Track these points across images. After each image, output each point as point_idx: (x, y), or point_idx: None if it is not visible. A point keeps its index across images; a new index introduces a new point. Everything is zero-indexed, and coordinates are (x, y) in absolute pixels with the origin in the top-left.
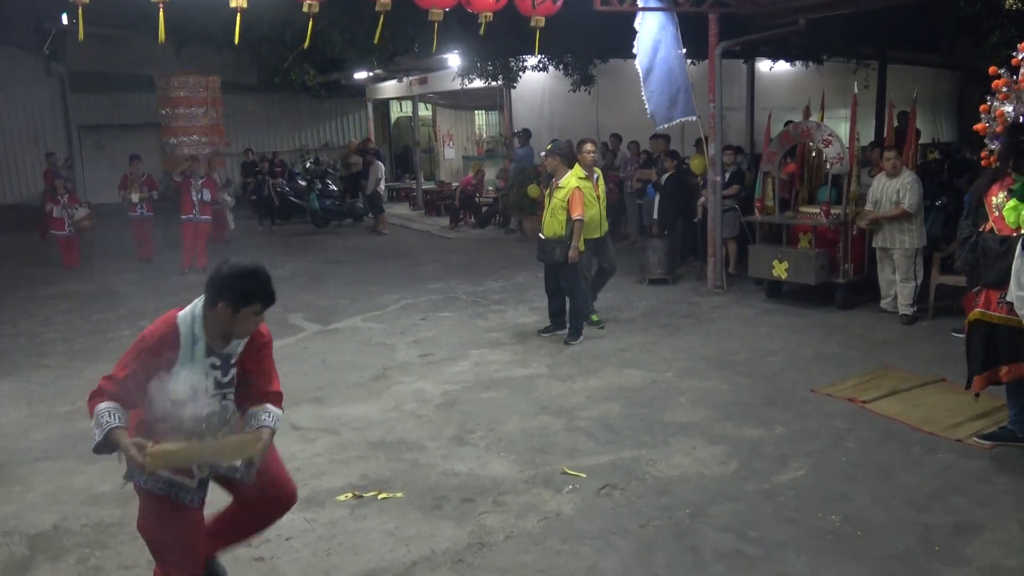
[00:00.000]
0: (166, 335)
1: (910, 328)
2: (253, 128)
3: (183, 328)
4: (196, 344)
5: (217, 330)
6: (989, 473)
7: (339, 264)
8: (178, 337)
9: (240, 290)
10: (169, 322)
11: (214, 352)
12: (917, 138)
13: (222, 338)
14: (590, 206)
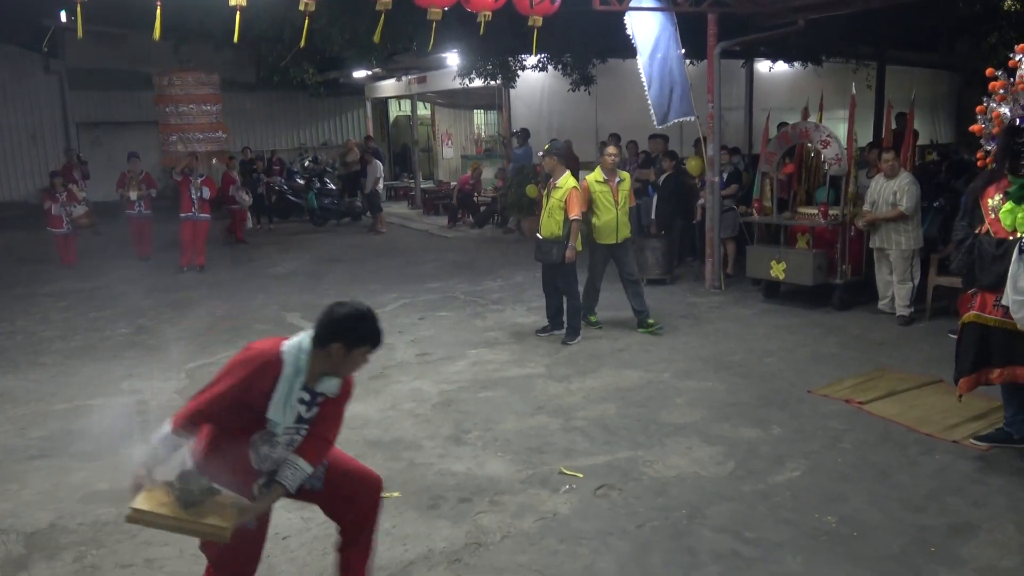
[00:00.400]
0: (270, 363)
1: (907, 329)
2: (251, 126)
3: (288, 359)
4: (298, 377)
5: (320, 368)
6: (985, 474)
7: (337, 263)
8: (281, 367)
9: (357, 333)
10: (274, 351)
11: (306, 387)
12: (915, 139)
13: (319, 375)
14: (605, 211)
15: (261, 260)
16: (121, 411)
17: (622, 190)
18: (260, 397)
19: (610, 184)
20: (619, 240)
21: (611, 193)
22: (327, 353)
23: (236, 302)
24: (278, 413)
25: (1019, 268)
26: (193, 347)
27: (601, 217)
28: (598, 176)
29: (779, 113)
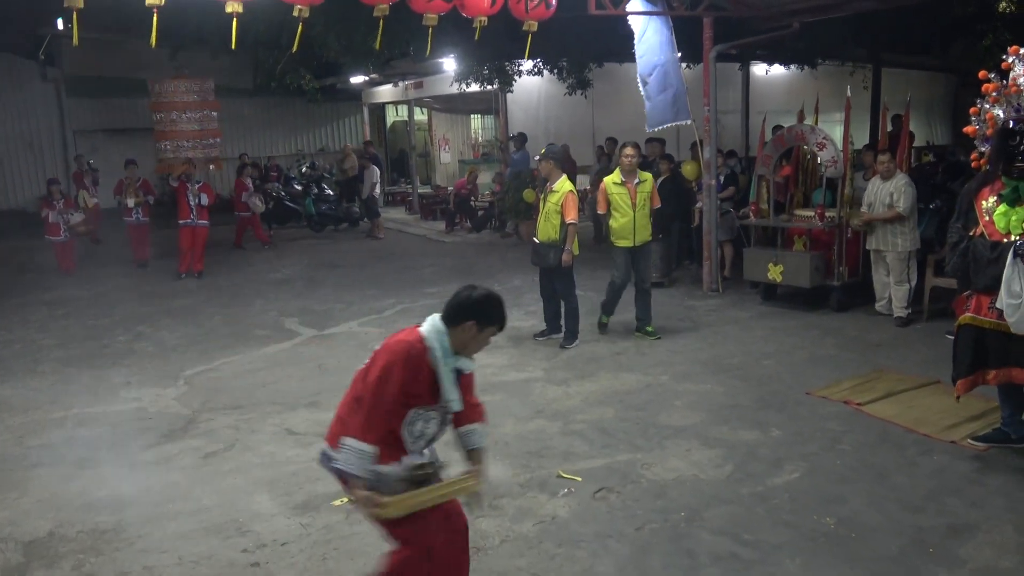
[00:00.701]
0: (420, 352)
1: (904, 330)
2: (249, 132)
3: (432, 343)
4: (447, 357)
5: (454, 346)
6: (983, 474)
7: (335, 269)
8: (429, 352)
9: (489, 312)
10: (417, 340)
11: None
12: (911, 141)
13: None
14: (622, 213)
15: (259, 266)
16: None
17: (641, 192)
18: (419, 384)
19: (628, 186)
20: (636, 244)
21: (629, 195)
22: (461, 331)
23: (234, 308)
24: (451, 392)
25: (1013, 272)
26: (192, 354)
27: (618, 219)
28: (616, 178)
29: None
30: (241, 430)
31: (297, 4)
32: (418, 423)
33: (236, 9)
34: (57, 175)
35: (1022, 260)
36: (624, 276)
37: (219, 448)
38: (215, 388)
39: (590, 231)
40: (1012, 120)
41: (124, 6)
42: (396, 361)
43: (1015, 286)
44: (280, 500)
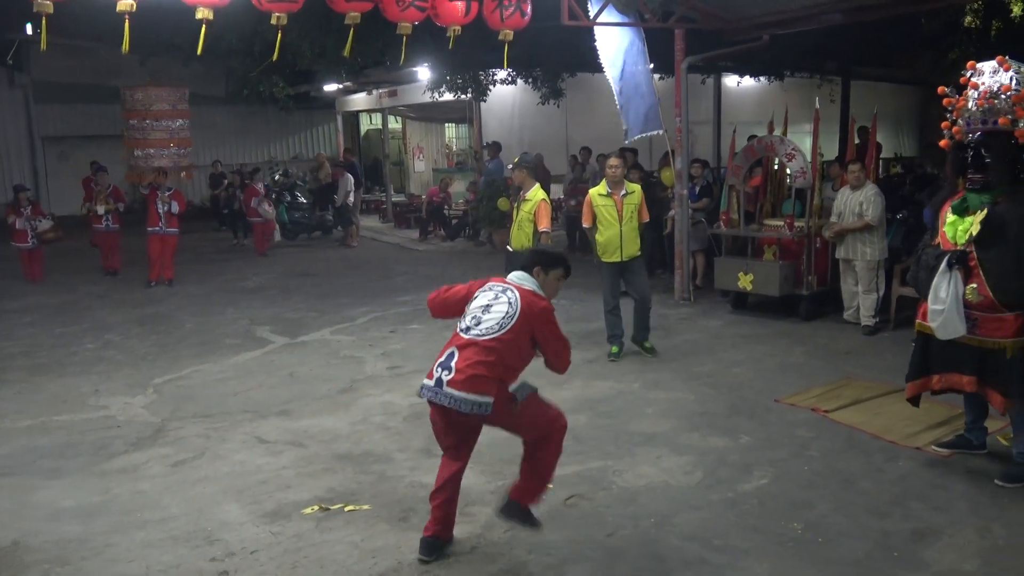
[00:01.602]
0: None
1: (872, 339)
2: (221, 140)
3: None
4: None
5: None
6: (947, 480)
7: (308, 277)
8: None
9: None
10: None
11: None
12: (878, 152)
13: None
14: (607, 226)
15: (231, 274)
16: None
17: (628, 204)
18: None
19: (615, 197)
20: (624, 258)
21: (615, 207)
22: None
23: (205, 316)
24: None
25: (942, 279)
26: (161, 362)
27: (604, 233)
28: (601, 189)
29: (746, 127)
30: (211, 438)
31: (274, 11)
32: None
33: (207, 16)
34: (24, 181)
35: (958, 270)
36: (611, 295)
37: (188, 457)
38: (185, 396)
39: (563, 240)
40: (968, 133)
41: (95, 12)
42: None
43: (941, 293)
44: (249, 508)
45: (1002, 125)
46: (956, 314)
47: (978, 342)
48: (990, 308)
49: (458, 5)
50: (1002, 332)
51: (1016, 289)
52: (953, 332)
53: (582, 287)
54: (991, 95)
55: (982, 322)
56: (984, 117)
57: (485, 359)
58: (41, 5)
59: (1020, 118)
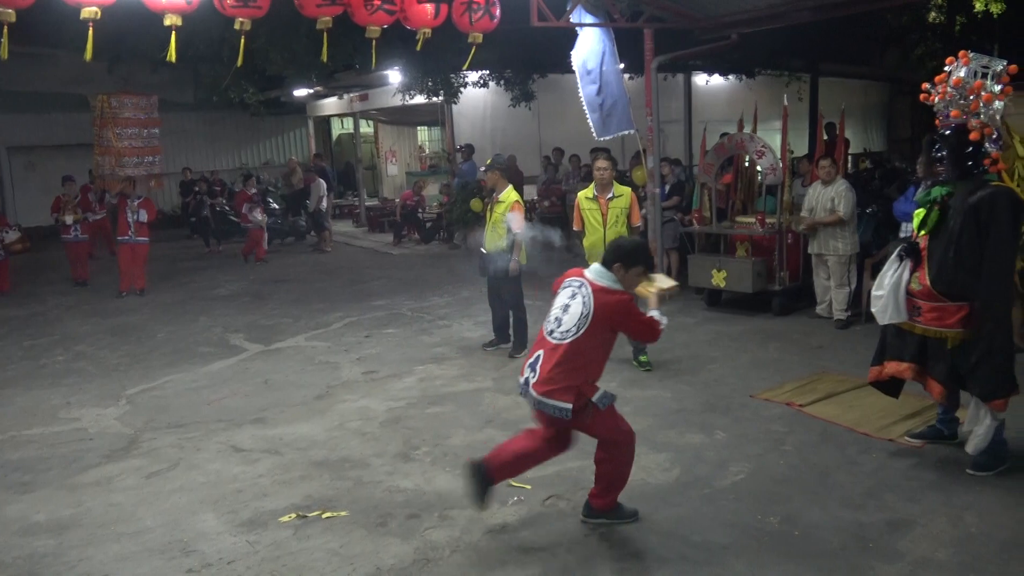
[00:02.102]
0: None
1: (845, 332)
2: (191, 147)
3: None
4: None
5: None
6: (919, 470)
7: (281, 283)
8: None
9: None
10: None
11: None
12: (846, 148)
13: None
14: (592, 230)
15: (203, 282)
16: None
17: (614, 207)
18: None
19: (600, 200)
20: None
21: (599, 211)
22: (634, 273)
23: (178, 325)
24: None
25: (890, 267)
26: (134, 372)
27: (588, 237)
28: (588, 192)
29: (717, 125)
30: (185, 448)
31: (239, 17)
32: None
33: (175, 22)
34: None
35: (908, 260)
36: None
37: (162, 467)
38: (158, 407)
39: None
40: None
41: (60, 19)
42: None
43: (886, 279)
44: (226, 518)
45: (953, 118)
46: (893, 301)
47: (921, 330)
48: (930, 297)
49: (427, 8)
50: (943, 322)
51: (951, 279)
52: (890, 318)
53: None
54: (949, 89)
55: (924, 311)
56: (946, 111)
57: (566, 366)
58: (3, 13)
59: (973, 112)
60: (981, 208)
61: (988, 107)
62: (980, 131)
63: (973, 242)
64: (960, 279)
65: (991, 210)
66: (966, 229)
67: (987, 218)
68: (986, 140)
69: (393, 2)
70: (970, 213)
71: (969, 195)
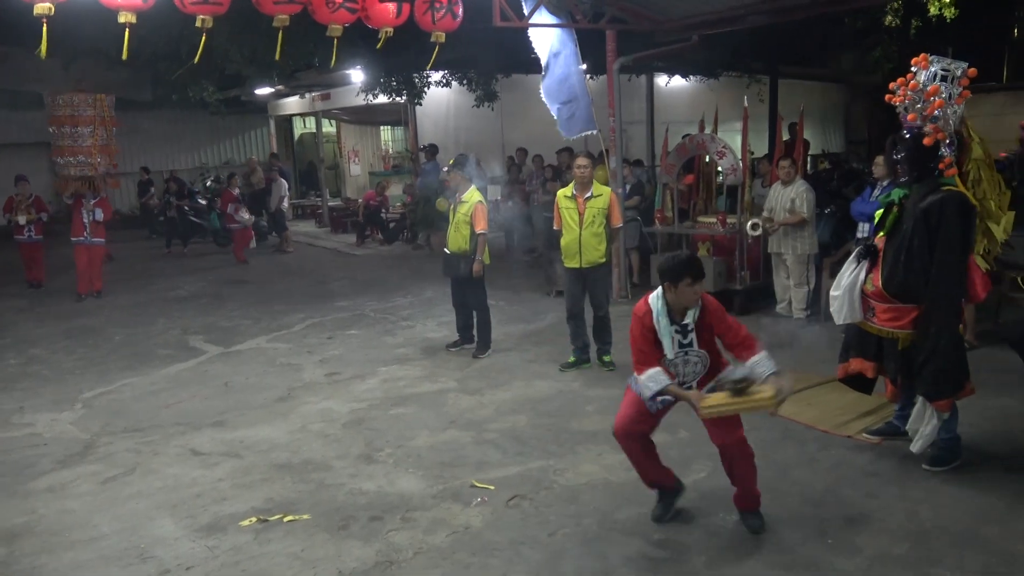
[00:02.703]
0: (647, 312)
1: (804, 331)
2: (149, 146)
3: (654, 305)
4: (662, 316)
5: (675, 305)
6: (877, 466)
7: (242, 284)
8: (652, 312)
9: (674, 271)
10: (645, 304)
11: (675, 321)
12: (806, 149)
13: (679, 312)
14: (568, 230)
15: (162, 283)
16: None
17: (591, 207)
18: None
19: (578, 199)
20: (584, 265)
21: (576, 210)
22: (666, 290)
23: (136, 327)
24: (665, 342)
25: (847, 268)
26: (90, 376)
27: (565, 237)
28: (567, 191)
29: (678, 126)
30: (143, 453)
31: (199, 14)
32: (678, 364)
33: (129, 20)
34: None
35: (866, 260)
36: (570, 301)
37: (119, 472)
38: (115, 411)
39: (501, 241)
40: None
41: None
42: (637, 319)
43: (844, 280)
44: (184, 523)
45: (910, 121)
46: (848, 301)
47: (876, 330)
48: (882, 298)
49: (389, 7)
50: (896, 323)
51: (901, 281)
52: (845, 318)
53: (519, 287)
54: (909, 93)
55: (878, 312)
56: (905, 113)
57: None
58: None
59: (929, 116)
60: (931, 212)
61: (943, 111)
62: (934, 136)
63: (923, 245)
64: (910, 281)
65: (940, 214)
66: (917, 232)
67: (936, 222)
68: (941, 145)
69: (355, 0)
70: (921, 217)
71: (921, 199)
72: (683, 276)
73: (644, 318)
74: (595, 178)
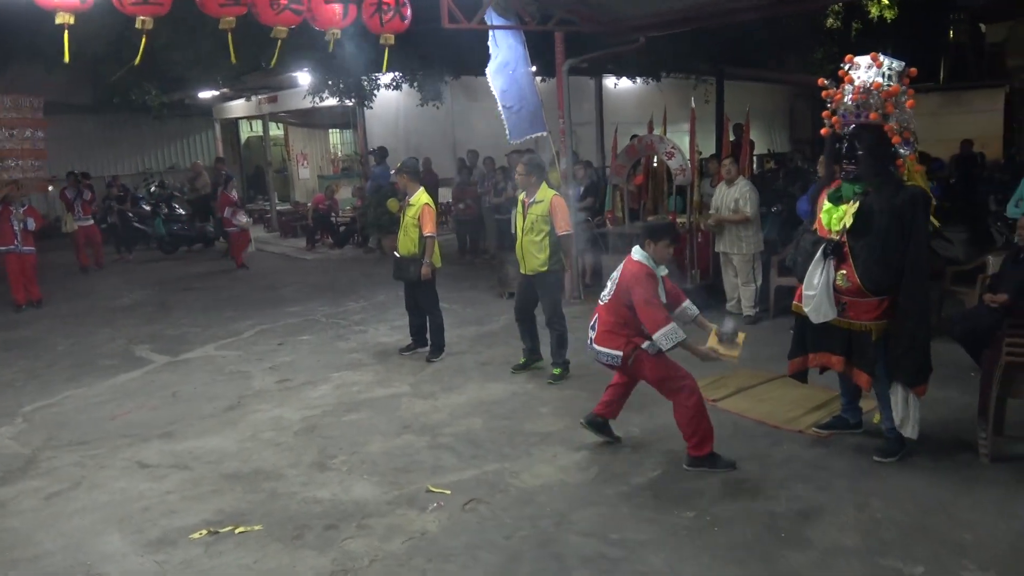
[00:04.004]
0: (647, 269)
1: (753, 328)
2: (90, 150)
3: (647, 262)
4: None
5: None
6: (827, 460)
7: (189, 291)
8: (648, 266)
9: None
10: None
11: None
12: (751, 149)
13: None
14: (516, 236)
15: (106, 292)
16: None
17: (531, 213)
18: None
19: (524, 204)
20: (527, 271)
21: (521, 215)
22: (658, 248)
23: (79, 337)
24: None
25: (816, 267)
26: (31, 388)
27: (515, 242)
28: (522, 195)
29: (627, 127)
30: (87, 467)
31: (139, 15)
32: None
33: (67, 21)
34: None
35: (832, 258)
36: (518, 302)
37: (63, 487)
38: (58, 423)
39: (453, 244)
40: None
41: None
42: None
43: (815, 279)
44: (132, 538)
45: (872, 120)
46: (826, 299)
47: (847, 325)
48: (858, 293)
49: (336, 8)
50: (868, 316)
51: (879, 276)
52: (824, 316)
53: (474, 289)
54: (864, 90)
55: (850, 306)
56: (858, 111)
57: (609, 319)
58: None
59: (890, 113)
60: (905, 208)
61: (902, 111)
62: (900, 134)
63: (898, 241)
64: (887, 276)
65: (912, 210)
66: (892, 228)
67: (910, 218)
68: (904, 143)
69: (300, 2)
70: (895, 213)
71: (892, 196)
72: (664, 236)
73: (650, 272)
74: (549, 180)
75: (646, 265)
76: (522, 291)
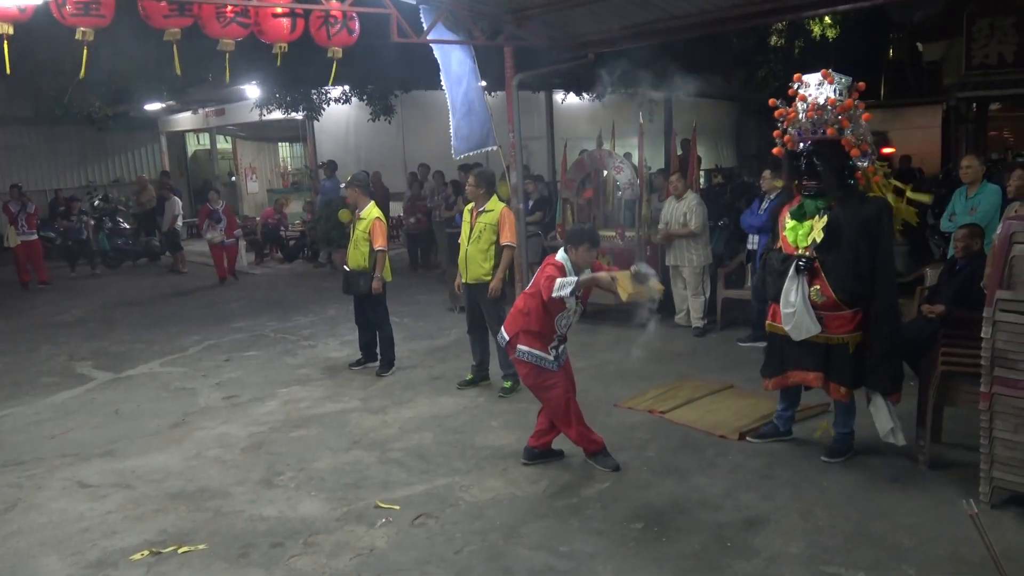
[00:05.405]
0: (560, 264)
1: (702, 340)
2: (30, 163)
3: (565, 262)
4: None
5: (573, 264)
6: (772, 469)
7: (133, 306)
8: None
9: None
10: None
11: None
12: (699, 164)
13: (576, 271)
14: (461, 246)
15: (46, 308)
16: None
17: (480, 222)
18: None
19: (473, 214)
20: (469, 280)
21: (469, 225)
22: (568, 252)
23: (16, 355)
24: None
25: (791, 283)
26: None
27: (461, 251)
28: (469, 206)
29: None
30: (24, 487)
31: (80, 26)
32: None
33: (6, 31)
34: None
35: (805, 274)
36: (468, 316)
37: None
38: None
39: (404, 258)
40: (801, 143)
41: None
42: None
43: (791, 297)
44: (71, 560)
45: (830, 135)
46: (807, 315)
47: (824, 339)
48: (833, 307)
49: (283, 22)
50: (844, 329)
51: (853, 288)
52: (806, 332)
53: (425, 303)
54: (819, 107)
55: (827, 320)
56: (814, 128)
57: (519, 303)
58: None
59: (845, 127)
60: (872, 219)
61: (858, 124)
62: (857, 146)
63: (868, 252)
64: (860, 287)
65: (879, 221)
66: (861, 240)
67: (877, 228)
68: (862, 155)
69: (247, 15)
70: (864, 225)
71: (858, 208)
72: (583, 240)
73: (561, 267)
74: (497, 193)
75: (562, 264)
76: (467, 302)
